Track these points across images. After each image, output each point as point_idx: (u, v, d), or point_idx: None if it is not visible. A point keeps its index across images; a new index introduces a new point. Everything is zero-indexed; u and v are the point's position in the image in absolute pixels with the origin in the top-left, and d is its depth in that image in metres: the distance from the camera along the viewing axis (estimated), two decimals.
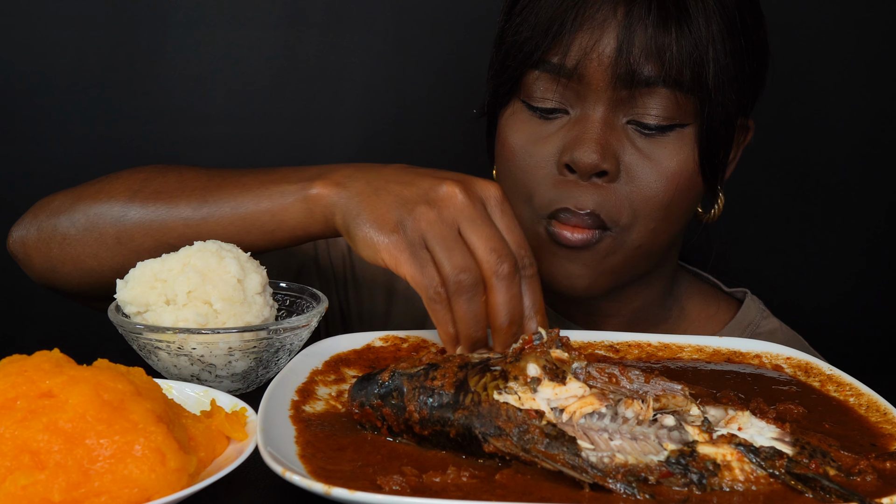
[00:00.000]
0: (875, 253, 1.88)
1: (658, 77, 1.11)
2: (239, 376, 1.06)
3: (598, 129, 1.13)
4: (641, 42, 1.10)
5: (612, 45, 1.11)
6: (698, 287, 1.39)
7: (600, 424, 0.82)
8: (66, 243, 1.17)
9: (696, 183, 1.17)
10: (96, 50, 1.80)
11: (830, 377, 1.02)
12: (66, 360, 0.83)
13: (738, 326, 1.34)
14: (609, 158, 1.12)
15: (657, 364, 1.06)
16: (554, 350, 0.87)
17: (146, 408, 0.80)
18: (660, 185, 1.14)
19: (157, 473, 0.76)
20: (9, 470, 0.75)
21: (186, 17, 1.81)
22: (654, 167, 1.14)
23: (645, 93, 1.12)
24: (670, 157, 1.14)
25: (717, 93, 1.12)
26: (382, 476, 0.78)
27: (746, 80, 1.18)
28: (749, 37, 1.17)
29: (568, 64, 1.13)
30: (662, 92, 1.12)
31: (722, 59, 1.13)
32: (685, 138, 1.15)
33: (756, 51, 1.19)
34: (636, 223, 1.15)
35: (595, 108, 1.14)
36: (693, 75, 1.11)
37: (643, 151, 1.14)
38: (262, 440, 0.81)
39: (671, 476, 0.79)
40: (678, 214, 1.18)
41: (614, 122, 1.14)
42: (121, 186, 1.17)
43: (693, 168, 1.15)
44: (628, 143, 1.14)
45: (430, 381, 0.87)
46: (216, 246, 1.07)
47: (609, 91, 1.12)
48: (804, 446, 0.82)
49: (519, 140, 1.18)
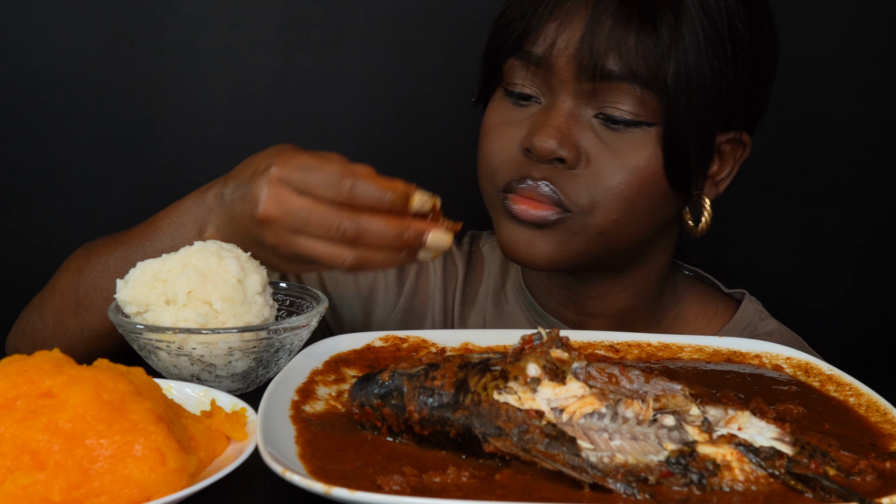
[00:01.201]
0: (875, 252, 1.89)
1: (620, 72, 1.12)
2: (239, 376, 1.06)
3: (560, 118, 1.15)
4: (605, 35, 1.12)
5: (576, 37, 1.13)
6: (696, 288, 1.39)
7: (600, 424, 0.82)
8: (50, 330, 1.24)
9: (661, 183, 1.17)
10: (96, 50, 1.80)
11: (830, 377, 1.02)
12: (66, 360, 0.83)
13: (734, 329, 1.33)
14: (567, 146, 1.14)
15: (657, 364, 1.06)
16: (554, 350, 0.87)
17: (146, 408, 0.80)
18: (621, 176, 1.15)
19: (157, 473, 0.76)
20: (9, 470, 0.74)
21: (186, 17, 1.81)
22: (616, 159, 1.15)
23: (609, 87, 1.13)
24: (634, 152, 1.15)
25: (680, 93, 1.13)
26: (382, 476, 0.78)
27: (733, 91, 1.17)
28: (740, 47, 1.16)
29: (537, 52, 1.16)
30: (625, 87, 1.13)
31: (690, 61, 1.13)
32: (650, 137, 1.15)
33: (750, 64, 1.18)
34: (597, 209, 1.16)
35: (561, 98, 1.16)
36: (651, 72, 1.12)
37: (607, 144, 1.15)
38: (262, 440, 0.81)
39: (671, 476, 0.79)
40: (643, 211, 1.18)
41: (579, 113, 1.16)
42: (64, 278, 1.25)
43: (657, 168, 1.16)
44: (593, 134, 1.15)
45: (430, 381, 0.87)
46: (216, 246, 1.07)
47: (573, 82, 1.14)
48: (804, 446, 0.82)
49: (493, 122, 1.22)
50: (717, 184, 1.26)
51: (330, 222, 1.03)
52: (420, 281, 1.42)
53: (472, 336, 1.09)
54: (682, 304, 1.36)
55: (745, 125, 1.24)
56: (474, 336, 1.09)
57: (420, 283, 1.42)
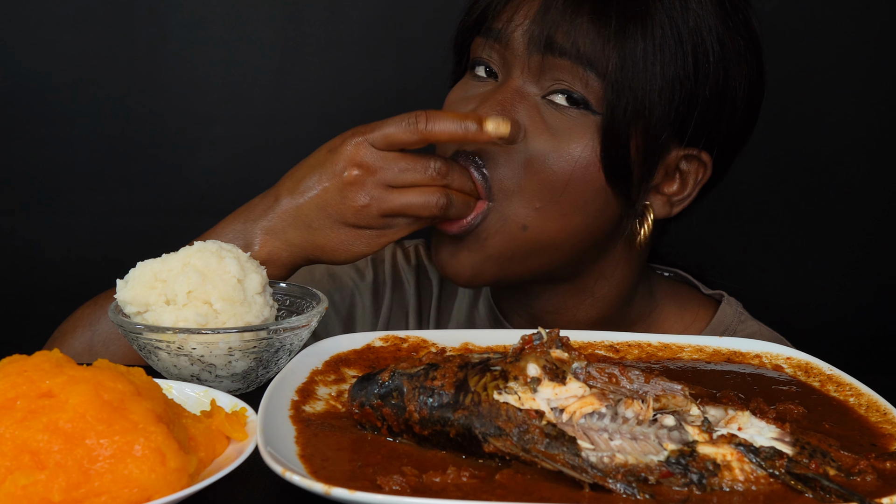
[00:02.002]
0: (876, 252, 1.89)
1: (568, 48, 1.13)
2: (239, 376, 1.06)
3: (506, 93, 1.17)
4: (558, 12, 1.14)
5: (533, 11, 1.16)
6: (673, 293, 1.36)
7: (600, 424, 0.82)
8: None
9: (596, 178, 1.15)
10: (96, 50, 1.80)
11: (830, 377, 1.02)
12: (66, 360, 0.83)
13: (712, 332, 1.31)
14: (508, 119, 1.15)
15: (657, 364, 1.06)
16: (554, 350, 0.87)
17: (146, 408, 0.80)
18: (555, 162, 1.15)
19: (157, 473, 0.76)
20: (9, 470, 0.74)
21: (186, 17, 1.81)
22: (552, 141, 1.15)
23: (556, 63, 1.14)
24: (571, 137, 1.15)
25: (624, 84, 1.12)
26: (382, 476, 0.78)
27: (690, 102, 1.16)
28: (704, 60, 1.15)
29: (496, 27, 1.19)
30: (571, 66, 1.14)
31: (639, 55, 1.13)
32: (590, 125, 1.15)
33: (715, 80, 1.17)
34: (520, 192, 1.16)
35: (512, 75, 1.18)
36: (595, 54, 1.13)
37: (548, 124, 1.16)
38: (262, 440, 0.81)
39: (671, 476, 0.79)
40: (572, 207, 1.16)
41: (527, 91, 1.17)
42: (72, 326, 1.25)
43: (592, 159, 1.15)
44: (537, 115, 1.16)
45: (430, 381, 0.87)
46: (216, 246, 1.07)
47: (525, 56, 1.16)
48: (804, 446, 0.82)
49: (452, 98, 1.25)
50: (673, 203, 1.23)
51: (423, 163, 1.11)
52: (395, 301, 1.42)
53: (472, 336, 1.09)
54: (656, 311, 1.34)
55: (707, 144, 1.20)
56: (474, 336, 1.09)
57: (395, 305, 1.42)
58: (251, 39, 1.83)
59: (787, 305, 1.82)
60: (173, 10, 1.80)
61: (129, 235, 1.82)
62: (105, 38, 1.80)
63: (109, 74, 1.81)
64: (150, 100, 1.83)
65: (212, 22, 1.81)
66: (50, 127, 1.82)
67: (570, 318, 1.28)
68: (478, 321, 1.39)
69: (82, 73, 1.81)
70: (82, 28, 1.80)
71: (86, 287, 1.35)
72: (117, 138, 1.82)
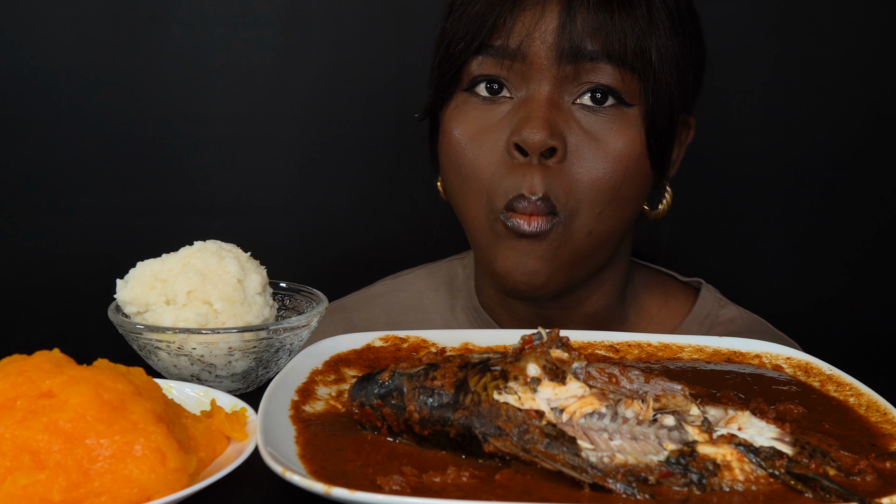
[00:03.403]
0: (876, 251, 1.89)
1: (602, 51, 1.12)
2: (239, 376, 1.06)
3: (544, 107, 1.13)
4: (583, 20, 1.12)
5: (554, 24, 1.13)
6: (655, 280, 1.38)
7: (600, 424, 0.82)
8: None
9: (644, 167, 1.17)
10: (96, 50, 1.80)
11: (830, 377, 1.02)
12: (66, 360, 0.83)
13: (696, 319, 1.33)
14: (557, 136, 1.13)
15: (657, 364, 1.06)
16: (554, 350, 0.87)
17: (146, 408, 0.80)
18: (606, 165, 1.14)
19: (157, 473, 0.76)
20: (9, 470, 0.75)
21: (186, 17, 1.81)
22: (600, 147, 1.15)
23: (589, 68, 1.13)
24: (616, 137, 1.15)
25: (661, 72, 1.14)
26: (382, 476, 0.78)
27: (687, 71, 1.20)
28: (687, 28, 1.20)
29: (511, 45, 1.14)
30: (607, 69, 1.13)
31: (664, 42, 1.15)
32: (630, 119, 1.15)
33: (694, 44, 1.22)
34: (582, 206, 1.15)
35: (540, 88, 1.15)
36: (637, 51, 1.13)
37: (589, 132, 1.15)
38: (262, 440, 0.81)
39: (671, 476, 0.79)
40: (626, 199, 1.17)
41: (560, 102, 1.15)
42: None
43: (640, 151, 1.16)
44: (574, 123, 1.15)
45: (430, 381, 0.87)
46: (216, 246, 1.07)
47: (553, 69, 1.14)
48: (804, 446, 0.82)
49: (465, 131, 1.18)
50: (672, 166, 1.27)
51: None
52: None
53: (472, 336, 1.09)
54: (643, 298, 1.35)
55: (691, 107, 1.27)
56: (474, 336, 1.09)
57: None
58: (251, 39, 1.83)
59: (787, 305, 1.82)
60: (173, 10, 1.80)
61: (129, 235, 1.82)
62: (105, 38, 1.80)
63: (110, 74, 1.81)
64: (150, 100, 1.83)
65: (212, 22, 1.81)
66: (50, 127, 1.82)
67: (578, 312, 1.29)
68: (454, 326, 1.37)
69: (83, 74, 1.81)
70: (83, 28, 1.80)
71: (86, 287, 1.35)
72: (117, 138, 1.82)
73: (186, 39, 1.81)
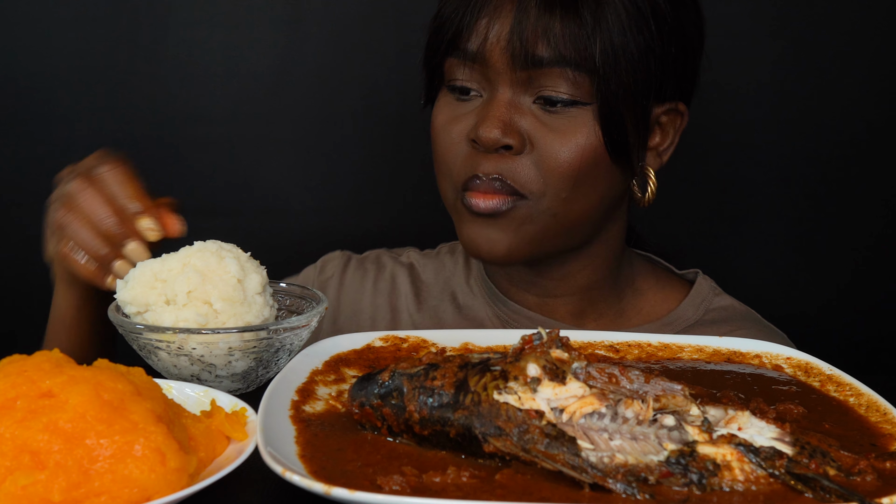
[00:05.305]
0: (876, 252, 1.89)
1: (550, 57, 1.18)
2: (239, 376, 1.06)
3: (500, 108, 1.21)
4: (531, 25, 1.18)
5: (506, 29, 1.19)
6: (651, 267, 1.44)
7: (600, 424, 0.82)
8: None
9: (603, 158, 1.22)
10: (97, 50, 1.81)
11: (830, 377, 1.02)
12: (66, 360, 0.83)
13: (692, 303, 1.38)
14: (512, 134, 1.20)
15: (657, 364, 1.06)
16: (554, 350, 0.87)
17: (146, 408, 0.80)
18: (565, 154, 1.21)
19: (157, 473, 0.76)
20: (9, 470, 0.75)
21: (186, 17, 1.81)
22: (558, 139, 1.21)
23: (542, 73, 1.19)
24: (573, 130, 1.21)
25: (609, 71, 1.18)
26: (382, 476, 0.78)
27: (662, 64, 1.22)
28: (663, 22, 1.22)
29: (472, 48, 1.22)
30: (557, 71, 1.19)
31: (615, 40, 1.18)
32: (587, 115, 1.21)
33: (675, 35, 1.24)
34: (548, 191, 1.22)
35: (500, 90, 1.22)
36: (579, 54, 1.18)
37: (549, 126, 1.21)
38: (262, 440, 0.81)
39: (671, 476, 0.79)
40: (590, 187, 1.23)
41: (518, 101, 1.22)
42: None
43: (597, 143, 1.21)
44: (534, 119, 1.21)
45: (430, 381, 0.87)
46: (216, 246, 1.07)
47: (509, 72, 1.20)
48: (804, 446, 0.82)
49: (441, 121, 1.28)
50: (661, 154, 1.31)
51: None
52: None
53: (472, 336, 1.09)
54: (639, 279, 1.41)
55: (680, 95, 1.29)
56: (474, 336, 1.09)
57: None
58: (251, 39, 1.83)
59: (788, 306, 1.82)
60: (173, 10, 1.80)
61: None
62: (105, 38, 1.80)
63: (110, 74, 1.81)
64: (150, 100, 1.83)
65: (212, 22, 1.81)
66: (51, 126, 1.82)
67: (571, 283, 1.35)
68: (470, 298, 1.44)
69: (83, 74, 1.81)
70: (83, 28, 1.80)
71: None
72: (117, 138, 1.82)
73: (186, 39, 1.81)
